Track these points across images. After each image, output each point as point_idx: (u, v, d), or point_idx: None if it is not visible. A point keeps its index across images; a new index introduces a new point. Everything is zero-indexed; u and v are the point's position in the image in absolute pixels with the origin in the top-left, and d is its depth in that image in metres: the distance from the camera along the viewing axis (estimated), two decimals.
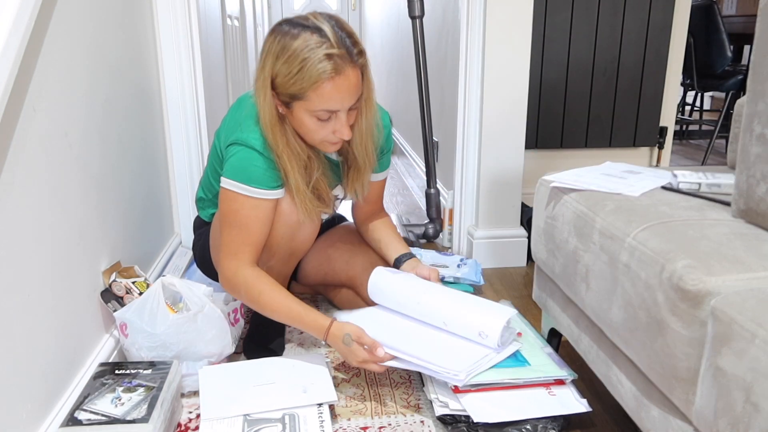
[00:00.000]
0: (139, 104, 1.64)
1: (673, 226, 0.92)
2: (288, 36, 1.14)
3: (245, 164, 1.23)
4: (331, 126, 1.20)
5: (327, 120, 1.19)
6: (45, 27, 1.06)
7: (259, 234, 1.27)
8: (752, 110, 0.90)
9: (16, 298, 0.93)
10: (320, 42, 1.12)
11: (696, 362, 0.77)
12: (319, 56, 1.11)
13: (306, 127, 1.21)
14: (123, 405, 1.03)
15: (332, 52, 1.12)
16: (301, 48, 1.12)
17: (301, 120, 1.20)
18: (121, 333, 1.24)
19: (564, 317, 1.24)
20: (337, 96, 1.15)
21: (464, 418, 1.13)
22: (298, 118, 1.20)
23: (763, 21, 0.88)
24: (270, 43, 1.16)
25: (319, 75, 1.12)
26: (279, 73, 1.15)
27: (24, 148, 0.97)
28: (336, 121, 1.20)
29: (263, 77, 1.17)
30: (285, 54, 1.13)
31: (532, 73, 2.16)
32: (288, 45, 1.13)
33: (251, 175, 1.23)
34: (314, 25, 1.14)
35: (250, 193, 1.23)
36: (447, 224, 2.18)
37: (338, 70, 1.13)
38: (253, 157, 1.23)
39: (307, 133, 1.23)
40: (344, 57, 1.13)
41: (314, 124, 1.20)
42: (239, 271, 1.25)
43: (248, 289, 1.25)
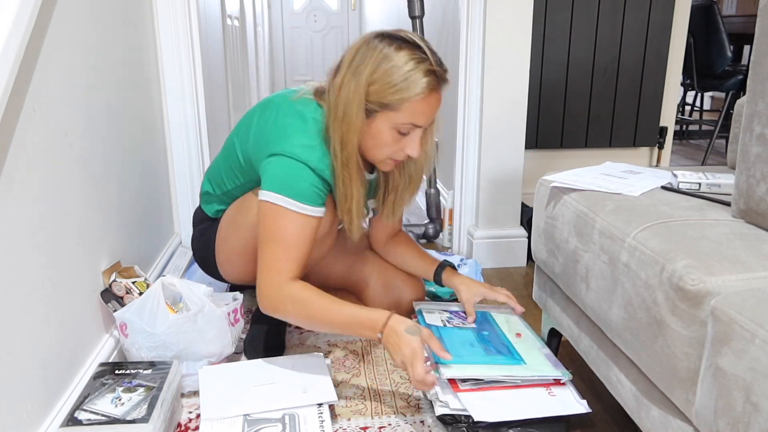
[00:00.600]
0: (139, 104, 1.64)
1: (673, 226, 0.92)
2: (392, 47, 1.15)
3: (295, 179, 1.18)
4: (403, 142, 1.20)
5: (404, 135, 1.19)
6: (45, 27, 1.06)
7: (306, 251, 1.21)
8: (752, 110, 0.90)
9: (16, 298, 0.93)
10: (423, 58, 1.15)
11: (696, 362, 0.77)
12: (422, 71, 1.14)
13: (381, 140, 1.20)
14: (123, 405, 1.03)
15: (434, 69, 1.15)
16: (407, 60, 1.14)
17: (379, 132, 1.19)
18: (121, 333, 1.24)
19: (564, 317, 1.24)
20: (427, 112, 1.17)
21: (464, 418, 1.13)
22: (376, 129, 1.19)
23: (763, 21, 0.88)
24: (368, 50, 1.16)
25: (422, 89, 1.14)
26: (378, 80, 1.14)
27: (24, 148, 0.97)
28: (410, 138, 1.20)
29: (356, 84, 1.15)
30: (388, 63, 1.14)
31: (532, 73, 2.16)
32: (391, 56, 1.14)
33: (302, 190, 1.18)
34: (413, 42, 1.16)
35: (299, 209, 1.18)
36: (447, 224, 2.18)
37: (435, 87, 1.16)
38: (303, 171, 1.18)
39: (377, 146, 1.21)
40: (441, 76, 1.17)
41: (391, 137, 1.19)
42: (283, 286, 1.18)
43: (296, 300, 1.18)
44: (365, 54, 1.16)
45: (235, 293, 1.42)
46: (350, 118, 1.17)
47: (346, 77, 1.17)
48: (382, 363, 1.40)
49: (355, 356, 1.43)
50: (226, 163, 1.39)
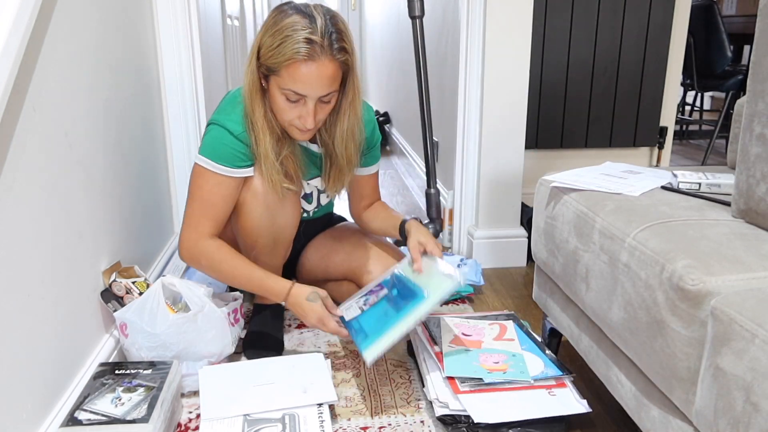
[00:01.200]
0: (139, 104, 1.64)
1: (673, 226, 0.92)
2: (282, 14, 1.21)
3: (215, 142, 1.30)
4: (297, 110, 1.25)
5: (295, 102, 1.24)
6: (45, 27, 1.06)
7: (221, 210, 1.32)
8: (752, 110, 0.90)
9: (16, 298, 0.93)
10: (306, 26, 1.18)
11: (696, 362, 0.77)
12: (300, 37, 1.17)
13: (276, 105, 1.26)
14: (123, 405, 1.03)
15: (313, 38, 1.17)
16: (288, 26, 1.18)
17: (274, 96, 1.25)
18: (121, 333, 1.24)
19: (564, 317, 1.24)
20: (306, 80, 1.19)
21: (464, 419, 1.13)
22: (272, 93, 1.25)
23: (763, 21, 0.88)
24: (268, 17, 1.24)
25: (293, 54, 1.17)
26: (264, 44, 1.21)
27: (24, 148, 0.97)
28: (303, 108, 1.24)
29: (253, 46, 1.24)
30: (274, 28, 1.20)
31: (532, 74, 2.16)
32: (279, 20, 1.20)
33: (219, 152, 1.29)
34: (309, 12, 1.20)
35: (215, 169, 1.29)
36: (447, 224, 2.18)
37: (313, 56, 1.18)
38: (223, 136, 1.29)
39: (277, 112, 1.28)
40: (324, 47, 1.18)
41: (283, 102, 1.24)
42: (199, 241, 1.31)
43: (209, 257, 1.31)
44: (266, 20, 1.23)
45: (234, 293, 1.43)
46: (246, 78, 1.26)
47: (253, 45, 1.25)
48: (382, 363, 1.40)
49: (355, 356, 1.43)
50: None
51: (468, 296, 1.75)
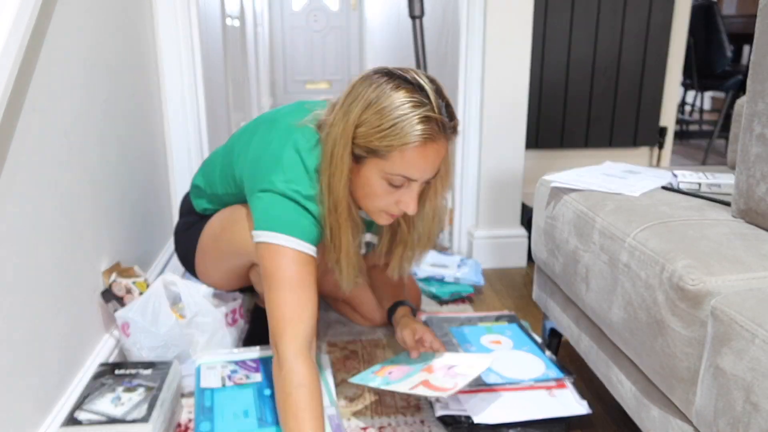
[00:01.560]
0: (139, 104, 1.64)
1: (673, 226, 0.92)
2: (387, 86, 1.02)
3: (295, 216, 1.09)
4: (398, 195, 1.08)
5: (398, 188, 1.07)
6: (45, 27, 1.06)
7: (313, 294, 1.09)
8: (752, 110, 0.90)
9: (16, 298, 0.93)
10: (421, 102, 1.01)
11: (696, 362, 0.77)
12: (417, 117, 1.00)
13: (371, 189, 1.07)
14: (123, 405, 1.03)
15: (431, 116, 1.01)
16: (400, 103, 1.00)
17: (369, 180, 1.07)
18: (123, 333, 1.24)
19: (564, 317, 1.24)
20: (421, 164, 1.03)
21: (464, 419, 1.13)
22: (365, 177, 1.07)
23: (763, 21, 0.88)
24: (363, 87, 1.04)
25: (412, 137, 1.00)
26: (366, 122, 1.02)
27: (24, 148, 0.97)
28: (406, 192, 1.07)
29: (345, 123, 1.04)
30: (380, 104, 1.01)
31: (532, 74, 2.16)
32: (385, 95, 1.01)
33: (302, 227, 1.08)
34: (416, 82, 1.03)
35: (300, 247, 1.08)
36: (447, 224, 2.18)
37: (432, 137, 1.01)
38: (296, 209, 1.09)
39: (368, 196, 1.09)
40: (441, 125, 1.02)
41: (382, 188, 1.07)
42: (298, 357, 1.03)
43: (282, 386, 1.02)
44: (359, 91, 1.04)
45: (234, 293, 1.43)
46: (336, 161, 1.06)
47: (338, 115, 1.06)
48: None
49: (355, 356, 1.43)
50: (222, 168, 1.31)
51: (468, 296, 1.75)
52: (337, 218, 1.11)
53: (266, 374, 1.25)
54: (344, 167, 1.06)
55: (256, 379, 1.23)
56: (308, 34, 5.91)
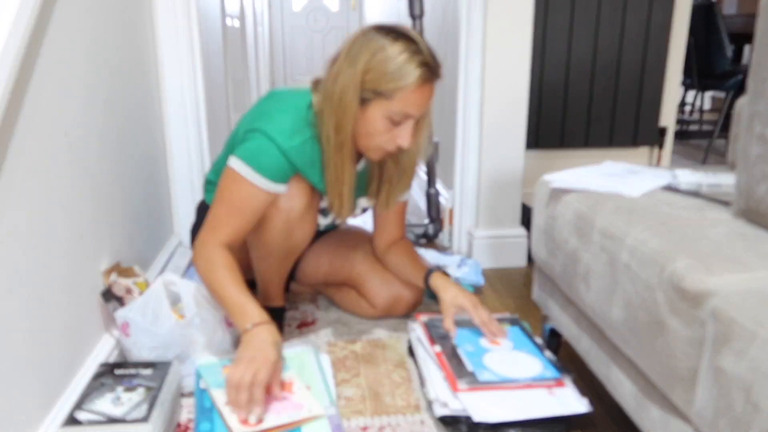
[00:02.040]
0: (139, 104, 1.64)
1: (673, 226, 0.92)
2: (387, 38, 1.19)
3: (259, 151, 1.25)
4: (395, 132, 1.24)
5: (397, 125, 1.23)
6: (45, 27, 1.06)
7: (246, 220, 1.28)
8: (752, 110, 0.90)
9: (16, 298, 0.93)
10: (418, 50, 1.19)
11: (696, 362, 0.77)
12: (417, 62, 1.18)
13: (373, 127, 1.23)
14: (123, 405, 1.03)
15: (427, 62, 1.19)
16: (401, 51, 1.18)
17: (373, 119, 1.22)
18: (123, 332, 1.24)
19: (564, 317, 1.24)
20: (419, 103, 1.21)
21: (464, 419, 1.13)
22: (370, 117, 1.22)
23: (763, 21, 0.88)
24: (364, 40, 1.21)
25: (416, 78, 1.18)
26: (374, 68, 1.19)
27: (24, 148, 0.97)
28: (404, 128, 1.24)
29: (353, 72, 1.20)
30: (384, 52, 1.18)
31: (532, 73, 2.16)
32: (387, 45, 1.19)
33: (261, 162, 1.25)
34: (409, 35, 1.21)
35: (252, 179, 1.25)
36: (447, 224, 2.18)
37: (428, 79, 1.20)
38: (269, 147, 1.25)
39: (370, 134, 1.25)
40: (434, 69, 1.21)
41: (384, 125, 1.23)
42: (209, 243, 1.26)
43: (209, 260, 1.24)
44: (362, 44, 1.20)
45: None
46: (346, 103, 1.21)
47: (344, 66, 1.21)
48: (382, 363, 1.40)
49: (355, 356, 1.43)
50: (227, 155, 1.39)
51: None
52: (342, 156, 1.26)
53: None
54: (354, 108, 1.22)
55: None
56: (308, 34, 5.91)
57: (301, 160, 1.28)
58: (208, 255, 1.26)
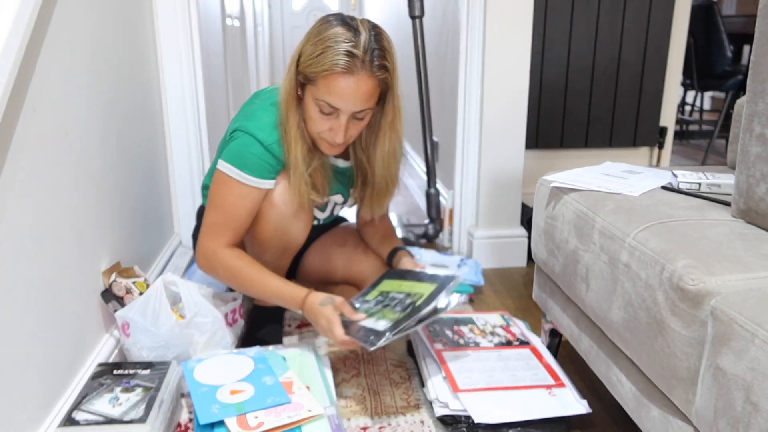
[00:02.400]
0: (139, 104, 1.64)
1: (673, 226, 0.92)
2: (327, 24, 1.19)
3: (243, 150, 1.26)
4: (330, 123, 1.23)
5: (328, 115, 1.22)
6: (45, 27, 1.06)
7: (243, 220, 1.30)
8: (752, 110, 0.90)
9: (16, 298, 0.93)
10: (350, 39, 1.16)
11: (696, 362, 0.77)
12: (341, 49, 1.15)
13: (309, 115, 1.24)
14: (121, 405, 1.03)
15: (354, 52, 1.15)
16: (331, 36, 1.16)
17: (308, 106, 1.23)
18: (123, 332, 1.24)
19: (564, 317, 1.24)
20: (342, 94, 1.18)
21: (464, 419, 1.13)
22: (306, 103, 1.24)
23: (763, 21, 0.88)
24: (315, 24, 1.22)
25: (332, 65, 1.15)
26: (304, 52, 1.20)
27: (24, 148, 0.97)
28: (335, 121, 1.22)
29: (294, 56, 1.23)
30: (317, 37, 1.18)
31: (532, 73, 2.16)
32: (323, 30, 1.18)
33: (246, 161, 1.26)
34: (354, 25, 1.19)
35: (241, 179, 1.27)
36: (447, 224, 2.18)
37: (352, 70, 1.16)
38: (252, 144, 1.26)
39: (308, 121, 1.25)
40: (364, 62, 1.16)
41: (316, 113, 1.22)
42: (218, 250, 1.28)
43: (227, 267, 1.28)
44: (310, 29, 1.22)
45: (234, 293, 1.43)
46: (285, 84, 1.25)
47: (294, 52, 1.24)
48: (382, 363, 1.40)
49: (355, 356, 1.43)
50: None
51: (468, 296, 1.75)
52: (289, 137, 1.26)
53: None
54: (290, 88, 1.24)
55: None
56: None
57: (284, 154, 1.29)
58: (222, 262, 1.28)
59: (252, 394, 1.13)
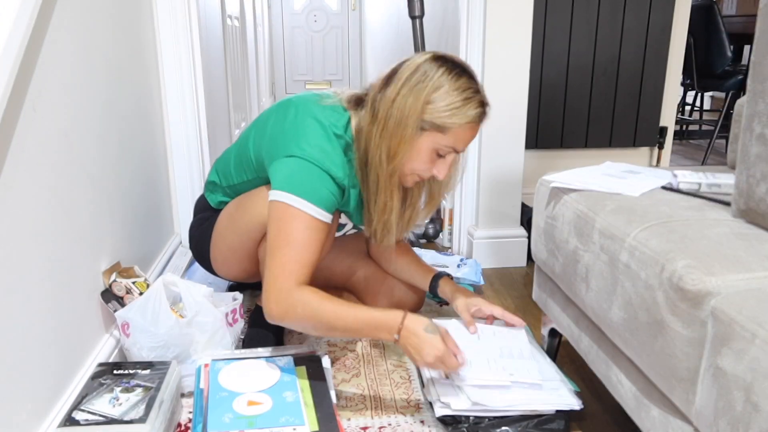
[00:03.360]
0: (139, 104, 1.64)
1: (673, 226, 0.92)
2: (452, 73, 1.17)
3: (313, 181, 1.17)
4: (438, 163, 1.23)
5: (441, 158, 1.23)
6: (45, 27, 1.06)
7: (317, 257, 1.18)
8: (752, 110, 0.90)
9: (15, 298, 0.93)
10: (477, 90, 1.20)
11: (696, 362, 0.77)
12: (478, 101, 1.18)
13: (419, 157, 1.20)
14: (121, 405, 1.03)
15: (485, 102, 1.21)
16: (465, 88, 1.17)
17: (421, 149, 1.19)
18: (122, 332, 1.24)
19: (564, 317, 1.24)
20: (468, 140, 1.22)
21: (464, 419, 1.13)
22: (419, 146, 1.19)
23: (763, 21, 0.88)
24: (429, 70, 1.17)
25: (472, 117, 1.18)
26: (436, 100, 1.15)
27: (24, 148, 0.97)
28: (443, 161, 1.23)
29: (416, 99, 1.15)
30: (447, 86, 1.16)
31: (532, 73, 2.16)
32: (452, 80, 1.17)
33: (319, 193, 1.17)
34: (471, 73, 1.21)
35: (314, 213, 1.16)
36: (447, 224, 2.18)
37: (481, 119, 1.21)
38: (323, 176, 1.18)
39: (413, 162, 1.21)
40: (488, 110, 1.23)
41: (429, 156, 1.21)
42: (294, 290, 1.14)
43: (307, 305, 1.13)
44: (426, 73, 1.17)
45: (234, 293, 1.43)
46: (403, 130, 1.17)
47: (403, 90, 1.16)
48: (382, 363, 1.40)
49: (355, 356, 1.43)
50: (238, 157, 1.38)
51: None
52: (392, 184, 1.23)
53: None
54: (410, 137, 1.18)
55: None
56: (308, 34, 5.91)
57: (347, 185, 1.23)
58: (302, 300, 1.14)
59: (268, 408, 1.11)
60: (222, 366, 1.22)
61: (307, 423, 1.08)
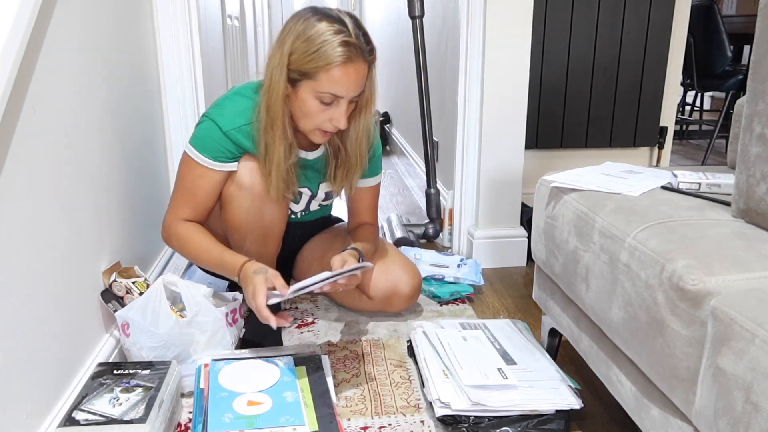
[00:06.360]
0: (139, 104, 1.64)
1: (673, 226, 0.92)
2: (312, 19, 1.23)
3: (204, 135, 1.33)
4: (330, 113, 1.27)
5: (328, 105, 1.26)
6: (45, 27, 1.06)
7: (201, 200, 1.37)
8: (752, 110, 0.90)
9: (16, 298, 0.93)
10: (340, 30, 1.21)
11: (696, 362, 0.77)
12: (338, 41, 1.20)
13: (307, 109, 1.27)
14: (121, 405, 1.03)
15: (349, 41, 1.21)
16: (323, 31, 1.21)
17: (304, 101, 1.26)
18: (123, 332, 1.24)
19: (564, 317, 1.24)
20: (344, 82, 1.23)
21: (464, 419, 1.13)
22: (301, 98, 1.26)
23: (763, 21, 0.88)
24: (293, 23, 1.24)
25: (334, 57, 1.20)
26: (297, 50, 1.22)
27: (24, 148, 0.97)
28: (336, 109, 1.27)
29: (281, 53, 1.24)
30: (306, 34, 1.21)
31: (532, 73, 2.16)
32: (311, 26, 1.22)
33: (206, 145, 1.33)
34: (337, 16, 1.23)
35: (199, 160, 1.34)
36: (447, 224, 2.18)
37: (351, 58, 1.21)
38: (212, 129, 1.32)
39: (305, 116, 1.28)
40: (359, 49, 1.22)
41: (316, 106, 1.26)
42: (173, 223, 1.37)
43: (178, 237, 1.36)
44: (292, 26, 1.24)
45: (234, 293, 1.42)
46: (273, 85, 1.26)
47: (274, 49, 1.26)
48: (382, 363, 1.40)
49: (355, 356, 1.43)
50: None
51: (468, 296, 1.75)
52: (273, 135, 1.30)
53: None
54: (280, 89, 1.26)
55: None
56: None
57: (246, 140, 1.33)
58: (175, 233, 1.37)
59: (268, 408, 1.12)
60: (222, 366, 1.22)
61: (307, 423, 1.08)
